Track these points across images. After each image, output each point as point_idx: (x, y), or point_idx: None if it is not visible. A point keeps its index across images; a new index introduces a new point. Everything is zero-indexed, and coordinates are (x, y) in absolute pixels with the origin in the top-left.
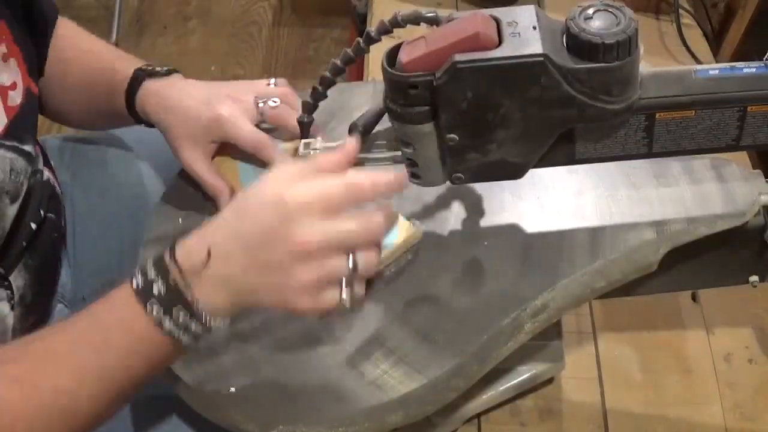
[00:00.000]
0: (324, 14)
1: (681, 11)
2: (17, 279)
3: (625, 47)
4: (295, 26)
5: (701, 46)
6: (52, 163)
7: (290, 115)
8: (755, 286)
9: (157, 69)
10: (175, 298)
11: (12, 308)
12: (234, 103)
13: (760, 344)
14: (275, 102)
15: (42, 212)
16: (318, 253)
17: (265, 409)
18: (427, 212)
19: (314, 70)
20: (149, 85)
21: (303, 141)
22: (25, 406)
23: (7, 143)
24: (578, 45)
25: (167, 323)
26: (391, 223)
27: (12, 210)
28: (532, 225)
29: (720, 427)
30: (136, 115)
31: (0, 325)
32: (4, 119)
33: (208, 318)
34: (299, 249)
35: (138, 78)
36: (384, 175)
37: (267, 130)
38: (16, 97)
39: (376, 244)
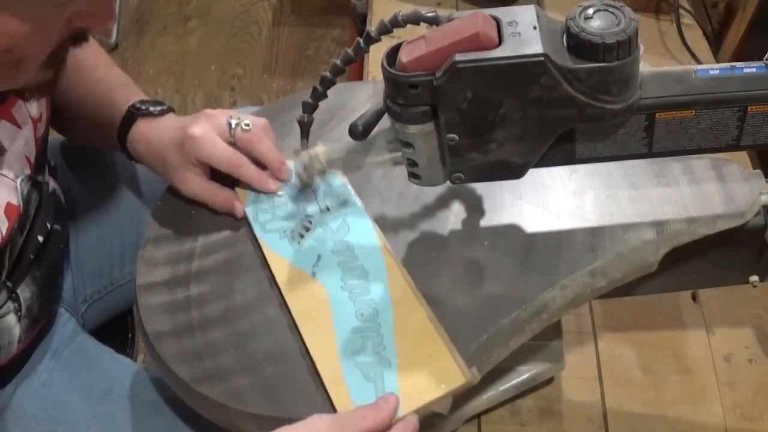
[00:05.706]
0: (324, 14)
1: (681, 11)
2: (24, 291)
3: (625, 47)
4: (295, 26)
5: (701, 46)
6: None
7: (260, 140)
8: (755, 286)
9: (151, 109)
10: None
11: (19, 320)
12: (206, 122)
13: (760, 344)
14: (247, 125)
15: (48, 225)
16: None
17: (265, 410)
18: (427, 212)
19: (314, 70)
20: (139, 127)
21: (308, 150)
22: None
23: (32, 176)
24: (578, 45)
25: None
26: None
27: (21, 238)
28: (532, 225)
29: (720, 427)
30: (128, 154)
31: (6, 336)
32: (34, 152)
33: None
34: None
35: (130, 118)
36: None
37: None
38: (41, 129)
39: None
